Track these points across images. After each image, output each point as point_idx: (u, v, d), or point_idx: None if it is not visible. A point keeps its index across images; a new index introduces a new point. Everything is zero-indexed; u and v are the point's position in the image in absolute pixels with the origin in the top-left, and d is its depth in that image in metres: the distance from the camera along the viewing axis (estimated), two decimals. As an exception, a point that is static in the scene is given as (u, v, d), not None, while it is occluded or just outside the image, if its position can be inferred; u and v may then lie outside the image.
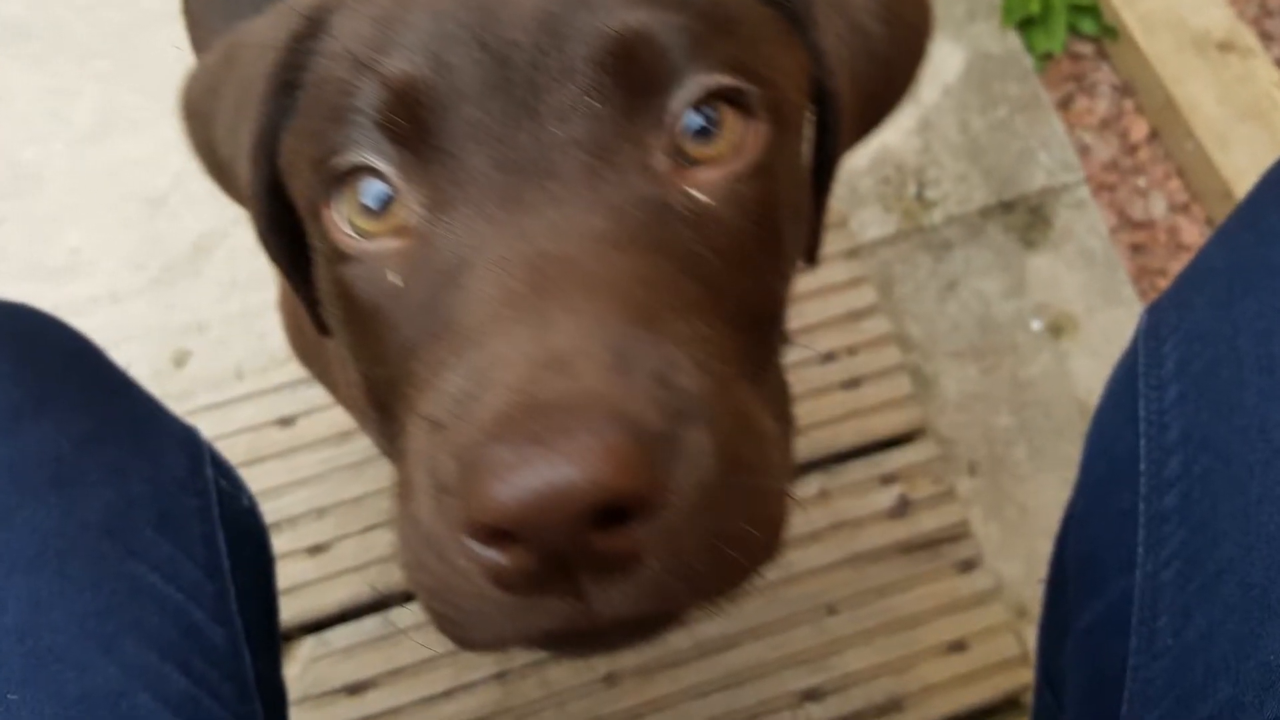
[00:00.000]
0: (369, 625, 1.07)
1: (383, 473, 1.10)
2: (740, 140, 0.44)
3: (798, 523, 0.42)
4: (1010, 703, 1.05)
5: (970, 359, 1.23)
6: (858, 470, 1.13)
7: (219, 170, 0.59)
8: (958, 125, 1.35)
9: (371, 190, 0.44)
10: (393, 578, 0.40)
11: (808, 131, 0.51)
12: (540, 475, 0.32)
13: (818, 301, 1.19)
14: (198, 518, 0.61)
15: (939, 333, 1.24)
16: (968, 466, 1.18)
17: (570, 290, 0.38)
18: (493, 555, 0.34)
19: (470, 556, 0.35)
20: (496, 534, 0.33)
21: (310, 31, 0.47)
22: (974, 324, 1.25)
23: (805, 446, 1.12)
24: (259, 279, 1.23)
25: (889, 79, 0.55)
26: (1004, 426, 1.20)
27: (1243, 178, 1.26)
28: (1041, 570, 0.71)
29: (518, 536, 0.33)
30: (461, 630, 0.39)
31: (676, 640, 0.43)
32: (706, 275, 0.42)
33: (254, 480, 0.75)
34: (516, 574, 0.34)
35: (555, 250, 0.39)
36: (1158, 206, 1.33)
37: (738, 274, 0.43)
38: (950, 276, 1.27)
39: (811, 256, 0.57)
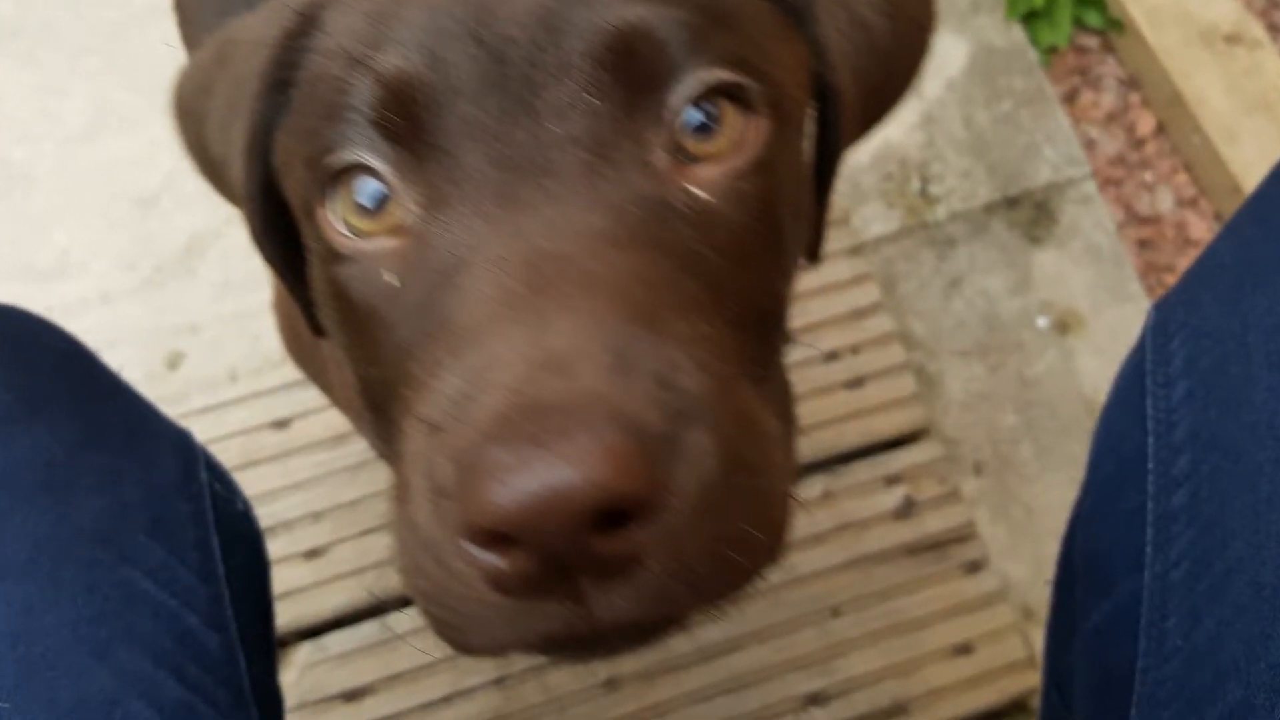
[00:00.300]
0: (366, 630, 1.07)
1: (379, 476, 1.10)
2: (741, 136, 0.44)
3: (801, 524, 0.42)
4: (1017, 706, 1.05)
5: (975, 357, 1.23)
6: (862, 471, 1.13)
7: (212, 169, 0.59)
8: (962, 120, 1.35)
9: (366, 189, 0.44)
10: (390, 582, 0.40)
11: (809, 127, 0.51)
12: (539, 478, 0.32)
13: (820, 299, 1.19)
14: (192, 522, 0.61)
15: (943, 331, 1.24)
16: (973, 466, 1.18)
17: (568, 290, 0.38)
18: (491, 559, 0.34)
19: (468, 560, 0.35)
20: (495, 537, 0.33)
21: (303, 28, 0.47)
22: (979, 322, 1.25)
23: (808, 447, 1.12)
24: (253, 279, 1.23)
25: (891, 73, 0.55)
26: (1010, 426, 1.20)
27: (1251, 171, 1.26)
28: (1048, 571, 0.71)
29: (516, 540, 0.33)
30: (460, 635, 0.38)
31: (678, 644, 0.43)
32: (707, 274, 0.42)
33: (249, 484, 0.75)
34: (515, 578, 0.34)
35: (553, 249, 0.39)
36: (1165, 201, 1.33)
37: (739, 272, 0.43)
38: (954, 273, 1.27)
39: (814, 254, 0.57)
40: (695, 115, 0.43)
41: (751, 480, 0.37)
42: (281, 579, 0.84)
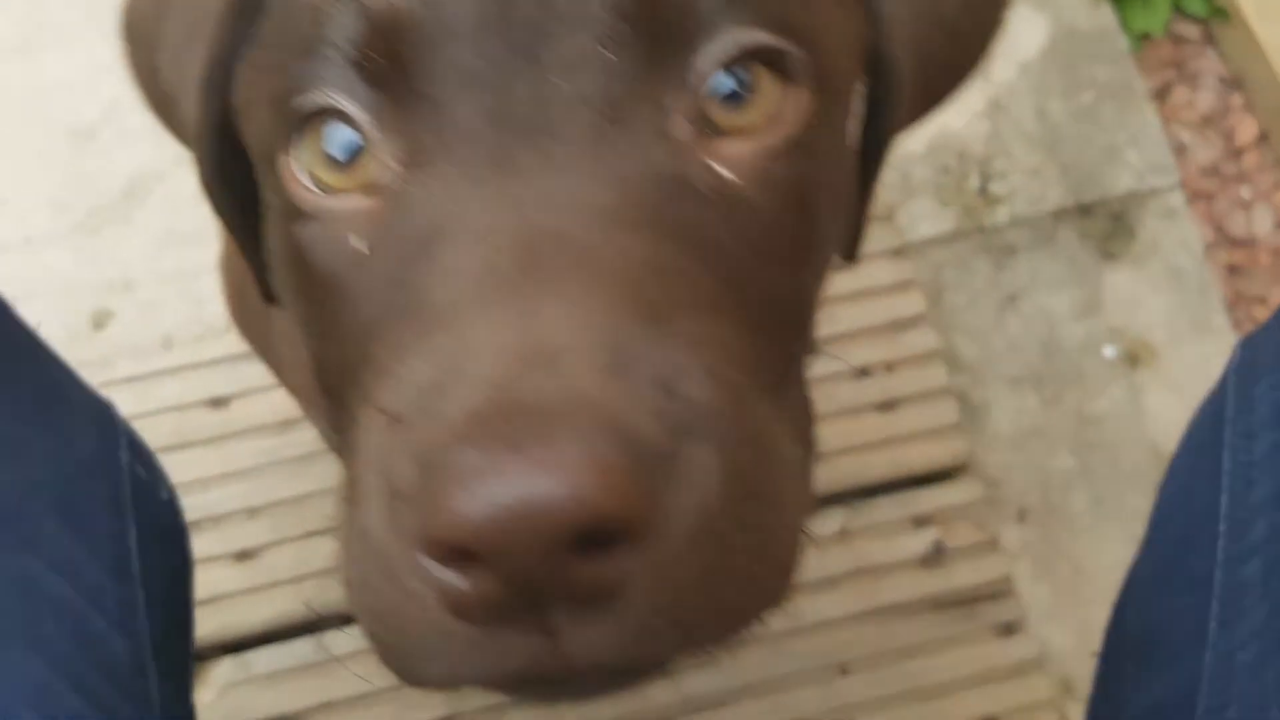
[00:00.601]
0: (299, 649, 1.07)
1: (329, 471, 1.10)
2: (777, 110, 0.44)
3: (812, 565, 0.42)
4: (1047, 794, 1.06)
5: (1029, 387, 1.23)
6: (887, 508, 1.13)
7: (161, 102, 0.59)
8: (1034, 111, 1.35)
9: (338, 137, 0.44)
10: (331, 595, 0.40)
11: (857, 105, 0.51)
12: (513, 486, 0.32)
13: (854, 306, 1.19)
14: (106, 509, 0.61)
15: (994, 353, 1.24)
16: (1017, 513, 1.18)
17: (564, 273, 0.38)
18: (451, 578, 0.34)
19: (425, 578, 0.35)
20: (458, 553, 0.33)
21: (280, -54, 0.47)
22: (1036, 346, 1.25)
23: (828, 475, 1.12)
24: (199, 233, 1.23)
25: (957, 50, 0.55)
26: (1062, 469, 1.20)
27: (1364, 196, 1.26)
28: (1094, 640, 0.71)
29: (482, 557, 0.33)
30: (409, 663, 0.38)
31: (660, 692, 0.43)
32: (726, 267, 0.42)
33: (177, 469, 0.75)
34: (478, 602, 0.34)
35: (550, 224, 0.39)
36: (1262, 222, 1.33)
37: (763, 268, 0.43)
38: (1012, 288, 1.27)
39: (851, 253, 0.57)
40: (726, 81, 0.43)
41: (759, 510, 0.37)
42: (206, 582, 0.84)
